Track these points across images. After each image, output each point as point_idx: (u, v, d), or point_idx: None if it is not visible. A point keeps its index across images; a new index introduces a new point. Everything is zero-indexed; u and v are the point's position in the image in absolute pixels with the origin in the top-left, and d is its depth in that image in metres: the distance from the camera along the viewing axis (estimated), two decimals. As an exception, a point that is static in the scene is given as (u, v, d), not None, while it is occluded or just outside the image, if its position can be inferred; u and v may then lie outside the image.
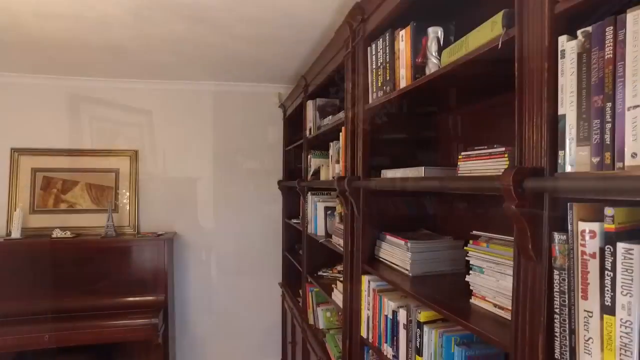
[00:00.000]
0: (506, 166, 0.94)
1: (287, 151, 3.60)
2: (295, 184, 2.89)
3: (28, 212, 3.31)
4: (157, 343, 2.99)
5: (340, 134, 2.04)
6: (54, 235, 3.17)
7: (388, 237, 1.66)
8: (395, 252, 1.58)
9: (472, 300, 1.15)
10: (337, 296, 2.09)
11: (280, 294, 3.75)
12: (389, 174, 1.54)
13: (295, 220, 3.27)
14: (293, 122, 3.49)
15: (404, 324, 1.38)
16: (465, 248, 1.19)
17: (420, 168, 1.32)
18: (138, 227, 3.48)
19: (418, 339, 1.26)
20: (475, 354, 1.15)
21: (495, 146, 1.00)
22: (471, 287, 1.16)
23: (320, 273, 2.63)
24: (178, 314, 3.62)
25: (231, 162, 3.71)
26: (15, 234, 3.15)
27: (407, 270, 1.48)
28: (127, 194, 3.46)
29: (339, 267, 2.55)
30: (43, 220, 3.33)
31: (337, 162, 2.16)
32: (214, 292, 3.69)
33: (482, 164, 1.04)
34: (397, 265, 1.55)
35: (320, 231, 2.48)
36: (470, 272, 1.16)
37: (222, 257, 3.70)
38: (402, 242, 1.54)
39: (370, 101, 1.67)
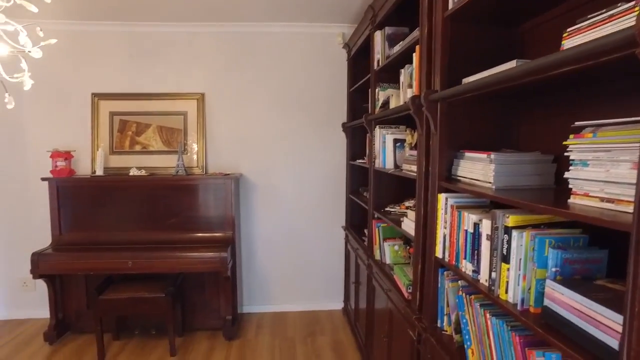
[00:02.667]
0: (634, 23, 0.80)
1: (351, 92, 3.51)
2: (361, 121, 2.82)
3: (108, 153, 3.53)
4: (226, 276, 3.14)
5: (414, 54, 1.92)
6: (131, 174, 3.37)
7: (467, 153, 1.55)
8: (476, 167, 1.48)
9: (572, 200, 1.04)
10: (408, 224, 2.03)
11: (343, 237, 3.77)
12: (471, 79, 1.42)
13: (360, 161, 3.22)
14: (358, 61, 3.39)
15: (487, 234, 1.29)
16: (564, 142, 1.06)
17: (511, 62, 1.19)
18: (206, 168, 3.61)
19: (505, 246, 1.18)
20: (573, 257, 1.05)
21: (618, 5, 0.85)
22: (570, 185, 1.05)
23: (387, 209, 2.57)
24: (244, 251, 3.77)
25: (295, 105, 3.69)
26: (99, 171, 3.38)
27: (489, 183, 1.38)
28: (195, 136, 3.57)
29: (407, 203, 2.48)
30: (121, 161, 3.54)
31: (410, 86, 2.05)
32: (278, 232, 3.79)
33: (598, 33, 0.90)
34: (478, 180, 1.45)
35: (389, 164, 2.41)
36: (571, 168, 1.04)
37: (286, 199, 3.77)
38: (483, 155, 1.43)
39: (450, 6, 1.53)
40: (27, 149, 3.59)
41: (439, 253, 1.62)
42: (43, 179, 3.29)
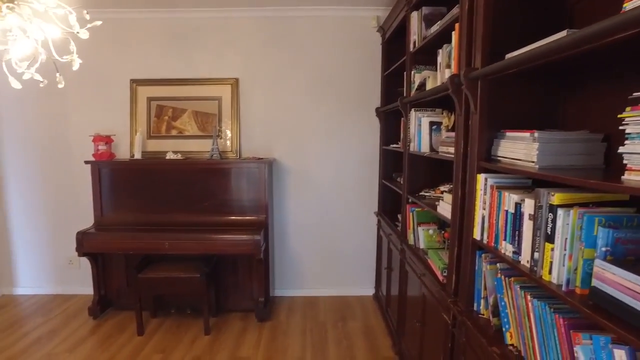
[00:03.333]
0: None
1: (385, 76, 3.46)
2: (396, 104, 2.77)
3: (146, 138, 3.63)
4: (259, 258, 3.19)
5: (453, 33, 1.86)
6: (167, 157, 3.46)
7: (508, 133, 1.50)
8: (517, 147, 1.42)
9: (626, 176, 0.98)
10: (444, 207, 1.99)
11: (375, 223, 3.75)
12: (515, 53, 1.36)
13: (394, 145, 3.17)
14: (392, 45, 3.33)
15: (529, 214, 1.25)
16: (620, 116, 1.01)
17: (561, 32, 1.13)
18: (240, 153, 3.65)
19: (549, 225, 1.13)
20: (627, 237, 1.00)
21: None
22: (625, 161, 0.99)
23: (421, 193, 2.53)
24: (277, 236, 3.82)
25: (329, 89, 3.67)
26: (137, 155, 3.48)
27: (532, 162, 1.32)
28: (229, 120, 3.62)
29: (442, 187, 2.43)
30: (157, 145, 3.64)
31: (448, 66, 1.99)
32: (310, 217, 3.81)
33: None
34: (519, 160, 1.40)
35: (425, 147, 2.37)
36: (626, 142, 0.99)
37: (318, 184, 3.77)
38: (526, 134, 1.37)
39: (493, -22, 1.47)
40: (71, 134, 3.74)
41: (476, 235, 1.58)
42: (86, 162, 3.43)
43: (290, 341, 3.09)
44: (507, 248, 1.38)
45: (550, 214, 1.13)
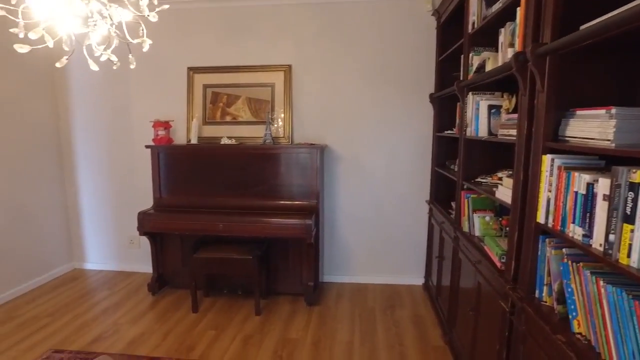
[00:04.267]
0: None
1: (440, 61, 3.36)
2: (452, 89, 2.69)
3: (201, 123, 3.76)
4: (310, 242, 3.23)
5: (518, 9, 1.77)
6: (222, 142, 3.56)
7: (579, 112, 1.41)
8: (590, 125, 1.33)
9: None
10: (503, 192, 1.91)
11: (426, 212, 3.68)
12: (590, 24, 1.27)
13: (448, 132, 3.09)
14: (448, 28, 3.22)
15: (604, 194, 1.17)
16: None
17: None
18: (292, 139, 3.70)
19: (629, 205, 1.06)
20: None
21: None
22: None
23: (477, 180, 2.45)
24: (327, 222, 3.85)
25: (381, 75, 3.63)
26: (194, 140, 3.62)
27: (608, 141, 1.24)
28: (282, 106, 3.67)
29: (500, 174, 2.34)
30: (213, 131, 3.76)
31: (511, 45, 1.90)
32: (361, 204, 3.80)
33: None
34: (592, 139, 1.31)
35: (482, 132, 2.28)
36: None
37: (370, 171, 3.75)
38: (601, 111, 1.28)
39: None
40: (133, 119, 3.96)
41: (540, 218, 1.50)
42: (147, 146, 3.61)
43: (338, 326, 3.12)
44: (575, 231, 1.31)
45: (630, 192, 1.06)
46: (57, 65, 1.62)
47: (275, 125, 3.66)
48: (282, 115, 3.67)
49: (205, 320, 3.18)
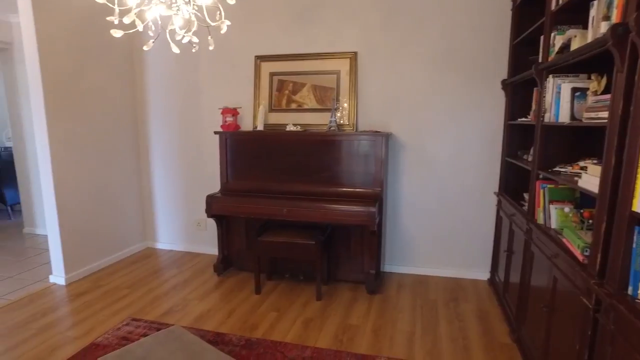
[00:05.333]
0: None
1: (514, 45, 3.17)
2: (529, 72, 2.54)
3: (268, 111, 3.84)
4: (373, 230, 3.20)
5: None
6: (287, 129, 3.62)
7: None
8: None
9: None
10: (588, 180, 1.77)
11: (494, 204, 3.53)
12: None
13: (522, 119, 2.92)
14: (525, 9, 3.03)
15: None
16: None
17: None
18: (356, 126, 3.68)
19: None
20: None
21: None
22: None
23: (555, 169, 2.30)
24: (389, 211, 3.80)
25: (450, 62, 3.50)
26: (260, 127, 3.71)
27: None
28: (347, 94, 3.66)
29: (582, 163, 2.17)
30: (278, 118, 3.83)
31: (606, 18, 1.75)
32: (425, 194, 3.72)
33: None
34: None
35: (564, 117, 2.13)
36: None
37: (435, 160, 3.65)
38: None
39: None
40: (203, 107, 4.13)
41: (637, 207, 1.38)
42: (215, 132, 3.76)
43: (400, 315, 3.08)
44: (681, 221, 1.18)
45: None
46: (145, 48, 1.72)
47: (340, 113, 3.66)
48: (347, 102, 3.66)
49: (267, 302, 3.28)
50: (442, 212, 3.70)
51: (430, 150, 3.64)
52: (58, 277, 3.63)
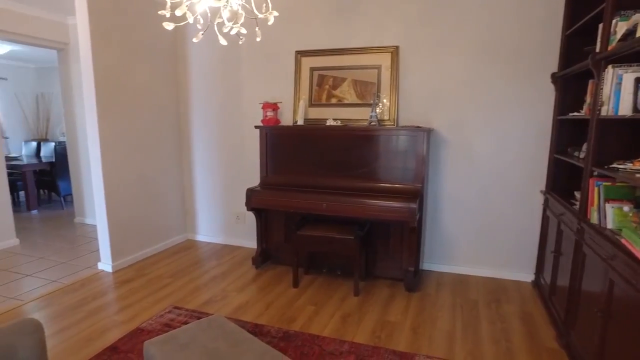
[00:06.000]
0: None
1: (567, 36, 3.02)
2: (585, 64, 2.41)
3: (308, 105, 3.85)
4: (413, 226, 3.15)
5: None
6: (327, 124, 3.62)
7: None
8: None
9: None
10: (652, 177, 1.66)
11: (540, 202, 3.38)
12: None
13: (574, 114, 2.78)
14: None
15: None
16: None
17: None
18: (397, 121, 3.63)
19: None
20: None
21: None
22: None
23: (613, 166, 2.17)
24: (430, 206, 3.73)
25: (495, 55, 3.38)
26: (300, 121, 3.73)
27: None
28: (388, 88, 3.61)
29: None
30: (318, 113, 3.83)
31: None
32: (466, 191, 3.62)
33: None
34: None
35: (624, 109, 2.01)
36: None
37: (478, 156, 3.54)
38: None
39: None
40: (243, 101, 4.20)
41: None
42: (256, 127, 3.81)
43: (439, 314, 3.02)
44: None
45: None
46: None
47: (381, 108, 3.62)
48: (388, 97, 3.61)
49: (305, 296, 3.29)
50: (485, 210, 3.59)
51: (472, 146, 3.54)
52: (106, 264, 3.79)
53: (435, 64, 3.53)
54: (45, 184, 6.65)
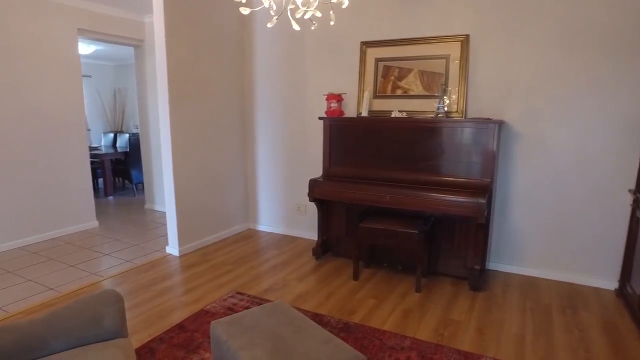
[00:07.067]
0: None
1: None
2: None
3: (372, 97, 3.80)
4: (481, 223, 3.00)
5: None
6: (392, 115, 3.54)
7: None
8: None
9: None
10: None
11: (628, 203, 3.09)
12: None
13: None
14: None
15: None
16: None
17: None
18: (465, 113, 3.48)
19: None
20: None
21: None
22: None
23: None
24: (498, 203, 3.54)
25: (575, 40, 3.12)
26: (364, 113, 3.69)
27: None
28: (457, 79, 3.46)
29: None
30: (382, 104, 3.76)
31: None
32: (540, 188, 3.38)
33: None
34: None
35: None
36: None
37: (555, 151, 3.30)
38: None
39: None
40: (308, 93, 4.22)
41: None
42: (319, 118, 3.81)
43: (507, 316, 2.85)
44: None
45: None
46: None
47: (448, 99, 3.48)
48: (457, 87, 3.46)
49: (365, 289, 3.25)
50: (560, 209, 3.34)
51: (549, 139, 3.30)
52: (173, 248, 3.98)
53: (508, 52, 3.33)
54: (120, 172, 7.14)
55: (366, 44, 3.82)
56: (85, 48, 6.60)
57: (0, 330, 1.47)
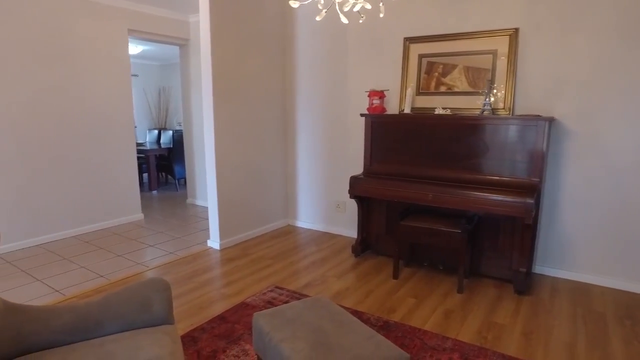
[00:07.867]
0: None
1: None
2: None
3: (415, 94, 3.73)
4: (528, 224, 2.88)
5: None
6: (436, 112, 3.47)
7: None
8: None
9: None
10: None
11: (693, 206, 2.88)
12: None
13: None
14: None
15: None
16: None
17: None
18: (513, 110, 3.35)
19: None
20: None
21: None
22: None
23: None
24: (547, 203, 3.39)
25: (637, 34, 2.93)
26: (407, 109, 3.63)
27: None
28: (504, 75, 3.34)
29: None
30: (426, 101, 3.69)
31: None
32: (594, 191, 3.20)
33: None
34: None
35: None
36: None
37: (612, 151, 3.11)
38: None
39: None
40: (349, 89, 4.21)
41: None
42: (361, 115, 3.78)
43: (555, 322, 2.72)
44: None
45: None
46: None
47: (495, 96, 3.36)
48: (504, 84, 3.34)
49: (405, 288, 3.20)
50: (617, 212, 3.15)
51: (605, 138, 3.12)
52: (214, 242, 4.07)
53: (560, 47, 3.18)
54: (163, 167, 7.39)
55: (409, 40, 3.76)
56: (134, 48, 6.87)
57: (62, 309, 1.55)
